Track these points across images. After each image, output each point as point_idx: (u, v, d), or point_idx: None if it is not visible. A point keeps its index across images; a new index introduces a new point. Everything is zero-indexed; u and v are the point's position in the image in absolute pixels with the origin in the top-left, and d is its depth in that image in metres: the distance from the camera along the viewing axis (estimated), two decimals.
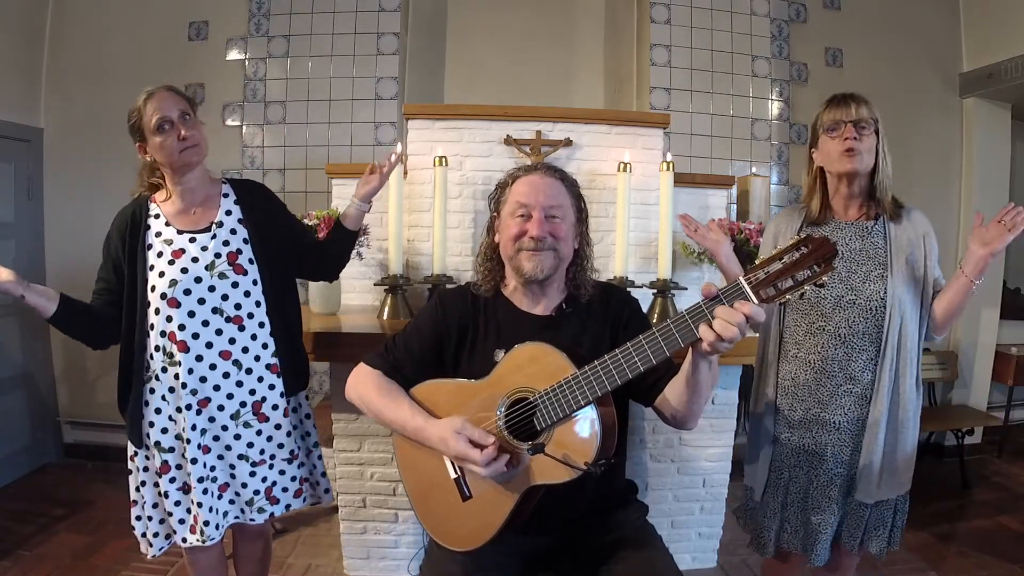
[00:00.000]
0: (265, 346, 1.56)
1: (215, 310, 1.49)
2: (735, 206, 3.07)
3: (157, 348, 1.49)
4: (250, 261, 1.54)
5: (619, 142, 2.37)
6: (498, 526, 1.23)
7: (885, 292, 1.45)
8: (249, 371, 1.53)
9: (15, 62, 3.11)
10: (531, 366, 1.23)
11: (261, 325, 1.55)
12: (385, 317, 2.16)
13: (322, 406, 3.03)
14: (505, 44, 3.51)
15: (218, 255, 1.51)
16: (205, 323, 1.49)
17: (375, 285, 2.27)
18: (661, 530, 1.43)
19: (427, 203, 2.31)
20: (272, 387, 1.57)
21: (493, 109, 2.37)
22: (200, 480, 1.50)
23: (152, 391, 1.51)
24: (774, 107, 3.40)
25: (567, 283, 1.42)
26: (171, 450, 1.52)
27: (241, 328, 1.52)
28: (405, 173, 2.29)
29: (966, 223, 3.55)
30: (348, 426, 2.15)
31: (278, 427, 1.58)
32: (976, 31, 3.48)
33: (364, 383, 1.38)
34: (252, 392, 1.54)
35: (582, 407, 1.17)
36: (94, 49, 3.21)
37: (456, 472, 1.27)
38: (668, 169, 2.24)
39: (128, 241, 1.50)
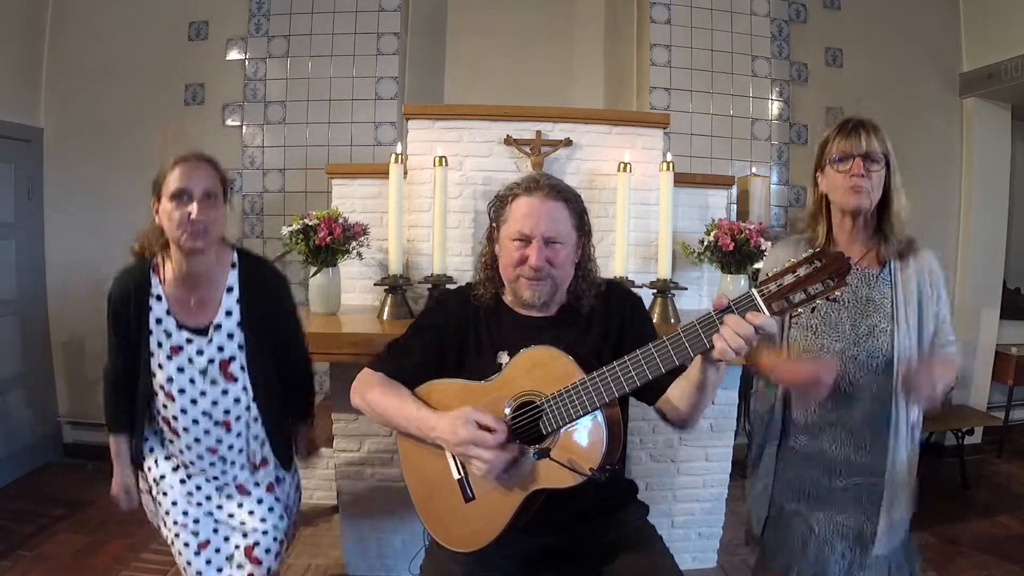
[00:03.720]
0: (251, 443, 1.55)
1: (204, 412, 1.49)
2: (735, 206, 3.07)
3: (161, 418, 1.53)
4: (241, 368, 1.51)
5: (619, 142, 2.37)
6: (500, 528, 1.23)
7: (892, 347, 1.37)
8: (233, 463, 1.54)
9: (15, 62, 3.11)
10: (538, 370, 1.23)
11: (248, 427, 1.54)
12: (385, 317, 2.16)
13: (322, 406, 3.03)
14: (505, 44, 3.51)
15: (211, 361, 1.48)
16: (195, 421, 1.49)
17: (375, 285, 2.27)
18: (661, 530, 1.43)
19: (427, 203, 2.31)
20: (257, 484, 1.58)
21: (493, 109, 2.37)
22: (175, 523, 1.54)
23: (145, 438, 1.57)
24: (774, 107, 3.40)
25: (568, 294, 1.41)
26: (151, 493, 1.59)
27: (228, 430, 1.51)
28: (405, 173, 2.29)
29: (966, 223, 3.55)
30: (348, 426, 2.15)
31: (260, 501, 1.57)
32: (976, 31, 3.48)
33: (368, 386, 1.38)
34: (235, 478, 1.56)
35: (589, 413, 1.16)
36: (94, 49, 3.21)
37: (459, 473, 1.27)
38: (668, 169, 2.25)
39: (133, 316, 1.47)
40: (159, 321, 1.47)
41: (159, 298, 1.47)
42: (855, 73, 3.43)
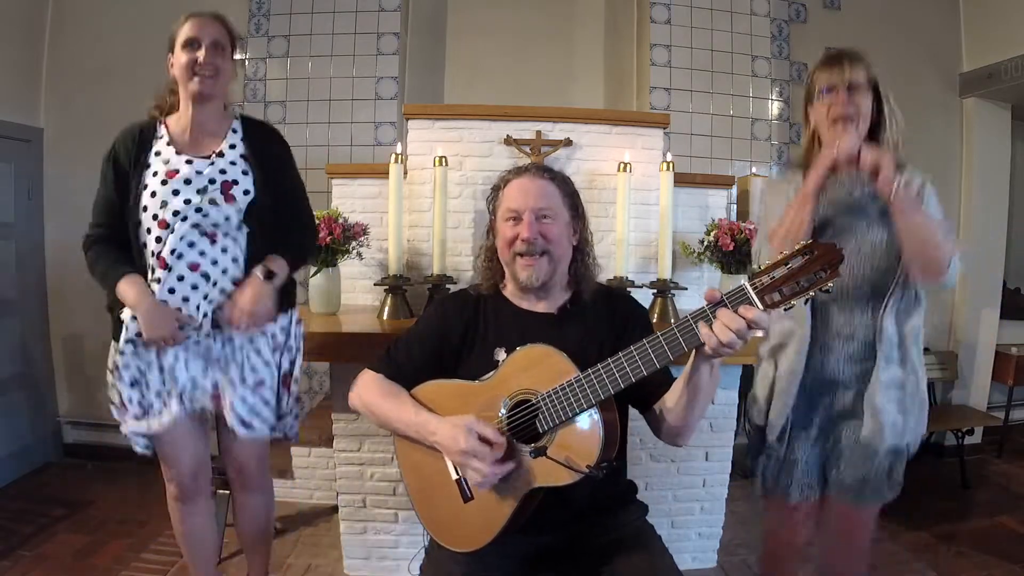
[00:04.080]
0: (236, 260, 1.52)
1: (194, 225, 1.47)
2: (735, 206, 3.07)
3: (149, 267, 1.49)
4: (244, 192, 1.52)
5: (619, 142, 2.37)
6: (499, 528, 1.23)
7: (886, 240, 1.39)
8: (215, 283, 1.51)
9: (15, 62, 3.11)
10: (534, 368, 1.23)
11: (236, 241, 1.52)
12: (385, 317, 2.16)
13: (322, 406, 3.03)
14: (505, 44, 3.51)
15: (212, 181, 1.49)
16: (191, 244, 1.48)
17: (375, 285, 2.27)
18: (661, 530, 1.42)
19: (427, 203, 2.31)
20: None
21: (493, 109, 2.37)
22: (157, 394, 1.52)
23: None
24: (774, 107, 3.40)
25: (570, 281, 1.42)
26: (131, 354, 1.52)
27: (213, 242, 1.49)
28: (405, 173, 2.29)
29: (966, 223, 3.55)
30: (348, 426, 2.15)
31: (243, 348, 1.55)
32: (976, 31, 3.48)
33: (367, 388, 1.38)
34: (216, 296, 1.51)
35: (585, 410, 1.16)
36: (94, 49, 3.21)
37: (458, 473, 1.27)
38: (668, 169, 2.25)
39: (133, 157, 1.49)
40: (158, 153, 1.49)
41: (162, 137, 1.51)
42: None
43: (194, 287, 1.49)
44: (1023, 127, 3.73)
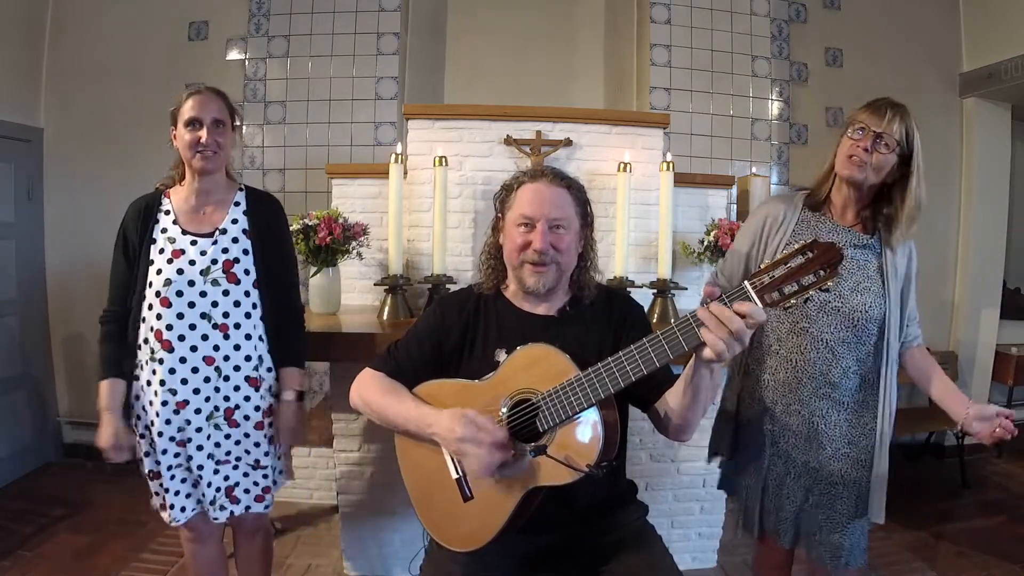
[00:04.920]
0: (248, 358, 1.58)
1: (203, 315, 1.53)
2: (735, 206, 3.07)
3: (145, 341, 1.54)
4: (245, 272, 1.58)
5: (619, 142, 2.37)
6: (499, 527, 1.23)
7: (882, 309, 1.44)
8: (227, 378, 1.56)
9: (15, 62, 3.11)
10: (534, 367, 1.23)
11: (248, 337, 1.58)
12: (385, 317, 2.16)
13: (322, 406, 3.03)
14: (505, 44, 3.51)
15: (215, 261, 1.54)
16: (192, 327, 1.52)
17: (375, 285, 2.27)
18: (661, 530, 1.43)
19: (427, 203, 2.32)
20: (248, 398, 1.59)
21: (493, 109, 2.37)
22: (169, 468, 1.57)
23: (136, 378, 1.57)
24: (774, 107, 3.40)
25: (571, 285, 1.42)
26: (141, 436, 1.59)
27: (226, 336, 1.55)
28: (405, 173, 2.29)
29: (966, 223, 3.55)
30: (348, 426, 2.15)
31: (247, 435, 1.61)
32: (976, 31, 3.48)
33: (367, 385, 1.38)
34: (227, 399, 1.57)
35: (585, 409, 1.16)
36: (94, 49, 3.21)
37: (458, 472, 1.27)
38: (668, 169, 2.25)
39: (139, 231, 1.55)
40: (164, 230, 1.55)
41: (167, 212, 1.57)
42: (855, 73, 3.43)
43: (206, 379, 1.54)
44: (1023, 127, 3.73)
